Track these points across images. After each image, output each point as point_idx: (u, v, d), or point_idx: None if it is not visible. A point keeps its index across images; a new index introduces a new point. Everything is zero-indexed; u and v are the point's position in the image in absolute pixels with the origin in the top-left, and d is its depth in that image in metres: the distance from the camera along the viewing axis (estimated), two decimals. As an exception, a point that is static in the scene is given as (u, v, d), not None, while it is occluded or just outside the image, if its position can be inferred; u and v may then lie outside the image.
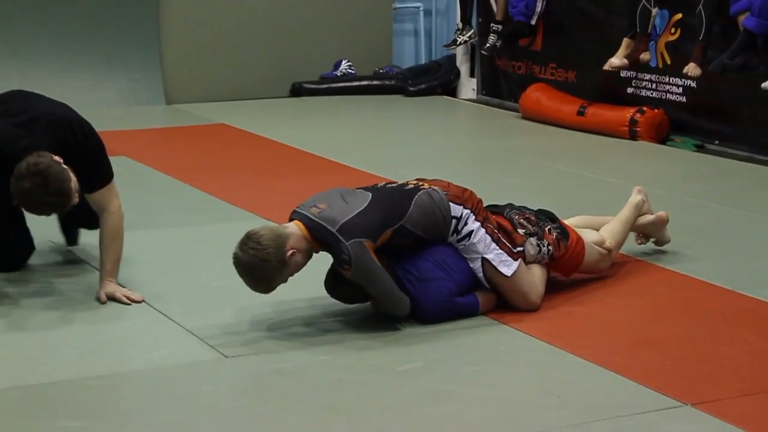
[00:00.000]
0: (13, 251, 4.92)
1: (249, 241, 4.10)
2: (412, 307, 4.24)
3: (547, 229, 4.58)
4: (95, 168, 4.57)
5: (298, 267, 4.17)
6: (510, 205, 4.66)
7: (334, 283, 4.31)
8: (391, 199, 4.29)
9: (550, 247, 4.54)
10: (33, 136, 4.43)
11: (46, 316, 4.46)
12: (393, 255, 4.27)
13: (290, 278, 4.17)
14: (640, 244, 5.19)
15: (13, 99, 4.70)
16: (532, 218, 4.61)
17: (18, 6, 9.16)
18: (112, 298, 4.53)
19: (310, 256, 4.19)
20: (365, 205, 4.19)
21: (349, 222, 4.11)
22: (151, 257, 5.25)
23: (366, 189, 4.39)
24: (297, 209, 4.26)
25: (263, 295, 4.21)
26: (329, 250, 4.15)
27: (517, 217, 4.57)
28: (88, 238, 5.42)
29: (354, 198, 4.26)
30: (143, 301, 4.52)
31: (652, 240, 5.20)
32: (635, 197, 5.08)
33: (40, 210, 4.41)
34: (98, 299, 4.53)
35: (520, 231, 4.49)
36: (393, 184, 4.45)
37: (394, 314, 4.26)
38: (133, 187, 6.60)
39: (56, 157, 4.33)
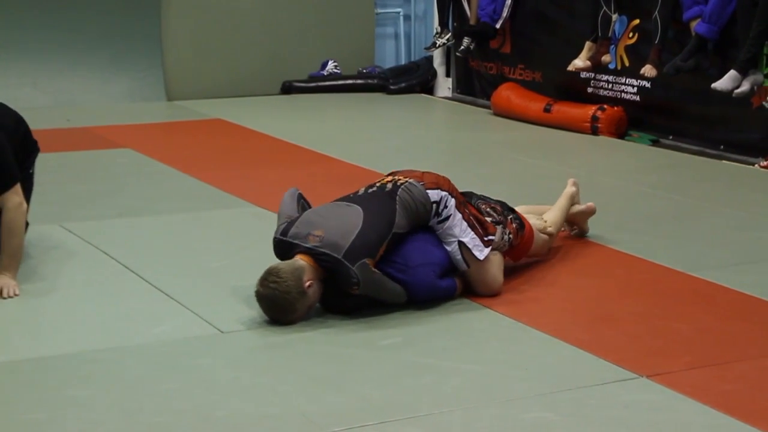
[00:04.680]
0: None
1: (269, 276, 4.01)
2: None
3: (509, 218, 4.58)
4: None
5: (317, 296, 4.09)
6: (473, 194, 4.63)
7: (336, 303, 4.18)
8: (380, 210, 4.16)
9: (510, 236, 4.53)
10: None
11: (56, 296, 4.44)
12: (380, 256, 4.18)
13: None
14: (572, 232, 5.20)
15: None
16: (498, 208, 4.59)
17: (30, 10, 9.10)
18: None
19: (322, 283, 4.11)
20: (361, 225, 4.08)
21: (352, 246, 4.01)
22: (152, 241, 5.23)
23: (351, 200, 4.25)
24: (290, 240, 4.10)
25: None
26: (336, 275, 4.05)
27: (484, 206, 4.55)
28: (92, 222, 5.40)
29: (345, 215, 4.14)
30: (17, 295, 4.32)
31: (573, 230, 5.20)
32: (570, 188, 5.10)
33: None
34: None
35: (488, 219, 4.47)
36: (373, 188, 4.31)
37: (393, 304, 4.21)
38: (136, 177, 6.59)
39: None
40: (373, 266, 4.08)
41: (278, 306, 4.01)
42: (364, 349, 3.88)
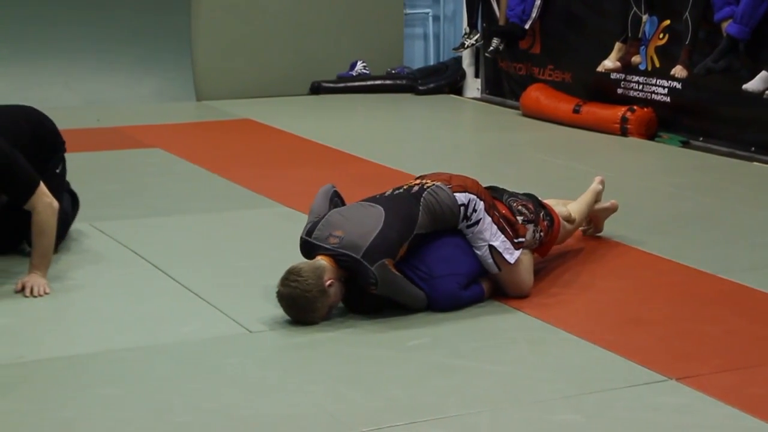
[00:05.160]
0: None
1: (290, 275, 4.03)
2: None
3: (541, 215, 4.57)
4: (11, 186, 4.38)
5: (338, 296, 4.10)
6: (504, 191, 4.60)
7: (357, 302, 4.19)
8: (402, 211, 4.16)
9: (541, 234, 4.53)
10: None
11: (85, 294, 4.47)
12: (401, 256, 4.18)
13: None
14: (586, 231, 5.17)
15: None
16: (530, 205, 4.57)
17: (61, 10, 9.16)
18: (23, 288, 4.36)
19: (346, 284, 4.12)
20: (381, 225, 4.08)
21: (371, 246, 4.02)
22: (181, 240, 5.25)
23: (374, 201, 4.26)
24: (314, 241, 4.12)
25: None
26: (355, 275, 4.07)
27: (515, 204, 4.53)
28: (122, 222, 5.43)
29: (367, 215, 4.14)
30: (47, 294, 4.35)
31: (588, 229, 5.17)
32: (596, 186, 5.09)
33: None
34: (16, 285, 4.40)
35: (519, 218, 4.45)
36: (399, 190, 4.31)
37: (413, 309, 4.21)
38: (165, 176, 6.62)
39: None
40: (392, 267, 4.08)
41: (298, 305, 4.03)
42: (392, 350, 3.88)
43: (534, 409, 3.41)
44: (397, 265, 4.13)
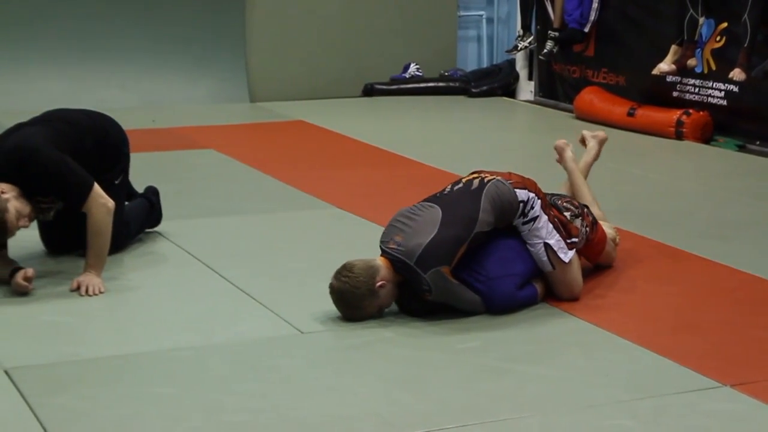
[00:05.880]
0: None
1: (343, 270, 4.08)
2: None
3: (585, 211, 4.56)
4: (63, 191, 4.44)
5: (389, 298, 4.12)
6: (547, 193, 4.59)
7: (410, 304, 4.19)
8: (460, 211, 4.15)
9: (587, 229, 4.51)
10: None
11: (139, 294, 4.52)
12: (460, 258, 4.16)
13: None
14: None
15: (10, 131, 4.61)
16: (574, 202, 4.58)
17: (119, 10, 9.26)
18: (78, 287, 4.42)
19: (400, 287, 4.13)
20: (437, 230, 4.07)
21: (424, 252, 4.03)
22: (234, 241, 5.29)
23: (434, 200, 4.25)
24: (381, 245, 4.16)
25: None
26: (410, 281, 4.09)
27: (560, 201, 4.53)
28: (176, 222, 5.48)
29: (424, 220, 4.13)
30: (102, 293, 4.41)
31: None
32: (568, 162, 5.13)
33: None
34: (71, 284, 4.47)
35: (567, 214, 4.44)
36: (459, 185, 4.31)
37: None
38: (218, 177, 6.68)
39: (0, 189, 4.29)
40: (448, 273, 4.08)
41: (346, 300, 4.06)
42: (443, 352, 3.88)
43: (585, 414, 3.40)
44: (455, 270, 4.13)
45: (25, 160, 4.38)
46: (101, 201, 4.47)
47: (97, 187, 4.47)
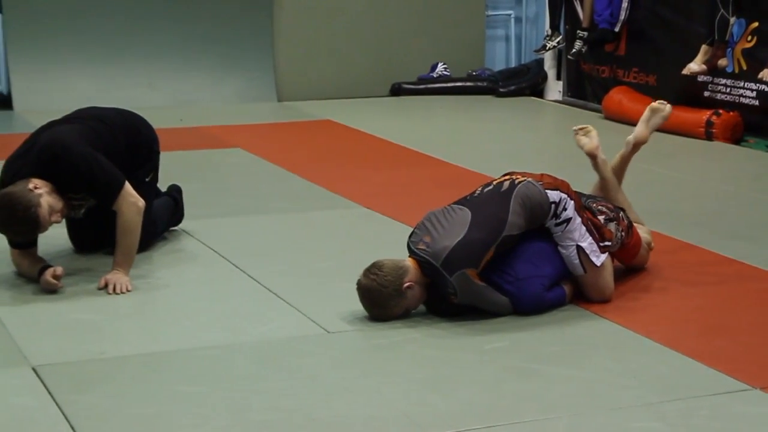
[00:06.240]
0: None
1: (372, 268, 4.08)
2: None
3: (620, 215, 4.53)
4: (94, 188, 4.47)
5: (417, 299, 4.11)
6: (581, 194, 4.55)
7: (438, 305, 4.19)
8: (490, 214, 4.13)
9: (623, 233, 4.48)
10: (23, 164, 4.43)
11: (166, 293, 4.53)
12: (488, 261, 4.15)
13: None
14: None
15: (42, 128, 4.65)
16: (609, 205, 4.54)
17: (147, 9, 9.29)
18: (106, 285, 4.44)
19: (428, 289, 4.12)
20: (465, 232, 4.06)
21: (451, 255, 4.02)
22: (261, 240, 5.30)
23: (464, 203, 4.24)
24: (410, 245, 4.15)
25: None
26: (436, 283, 4.08)
27: (595, 204, 4.49)
28: (203, 221, 5.50)
29: (453, 222, 4.12)
30: (129, 291, 4.42)
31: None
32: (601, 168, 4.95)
33: (15, 234, 4.44)
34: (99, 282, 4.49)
35: (601, 218, 4.41)
36: (489, 187, 4.29)
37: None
38: (245, 176, 6.69)
39: (33, 184, 4.32)
40: (475, 276, 4.06)
41: (372, 298, 4.06)
42: (470, 353, 3.87)
43: (613, 416, 3.38)
44: (484, 271, 4.11)
45: (58, 156, 4.42)
46: (131, 200, 4.49)
47: (128, 185, 4.49)
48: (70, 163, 4.41)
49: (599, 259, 4.27)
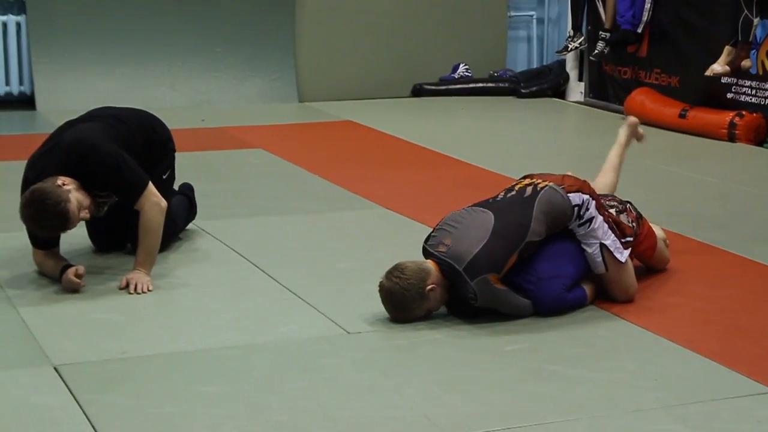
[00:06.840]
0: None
1: (395, 270, 4.08)
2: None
3: (627, 206, 4.53)
4: (120, 186, 4.49)
5: (438, 301, 4.12)
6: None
7: (458, 307, 4.19)
8: (513, 219, 4.13)
9: (634, 224, 4.47)
10: (48, 162, 4.46)
11: (187, 292, 4.55)
12: (511, 266, 4.15)
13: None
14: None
15: (63, 127, 4.68)
16: (617, 198, 4.56)
17: (169, 9, 9.33)
18: (128, 285, 4.46)
19: (449, 291, 4.13)
20: (488, 236, 4.06)
21: (474, 259, 4.02)
22: (281, 240, 5.31)
23: (486, 206, 4.23)
24: (428, 248, 4.15)
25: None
26: (457, 287, 4.09)
27: (604, 200, 4.49)
28: (224, 221, 5.51)
29: (476, 225, 4.12)
30: (150, 291, 4.44)
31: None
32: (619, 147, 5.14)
33: (43, 231, 4.45)
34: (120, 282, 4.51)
35: (612, 211, 4.42)
36: (512, 192, 4.29)
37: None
38: (267, 177, 6.71)
39: (61, 181, 4.34)
40: (497, 281, 4.06)
41: (395, 301, 4.06)
42: (490, 354, 3.87)
43: (634, 418, 3.37)
44: (509, 279, 4.11)
45: (85, 154, 4.45)
46: (154, 200, 4.51)
47: (151, 185, 4.52)
48: (97, 161, 4.44)
49: (623, 255, 4.28)
